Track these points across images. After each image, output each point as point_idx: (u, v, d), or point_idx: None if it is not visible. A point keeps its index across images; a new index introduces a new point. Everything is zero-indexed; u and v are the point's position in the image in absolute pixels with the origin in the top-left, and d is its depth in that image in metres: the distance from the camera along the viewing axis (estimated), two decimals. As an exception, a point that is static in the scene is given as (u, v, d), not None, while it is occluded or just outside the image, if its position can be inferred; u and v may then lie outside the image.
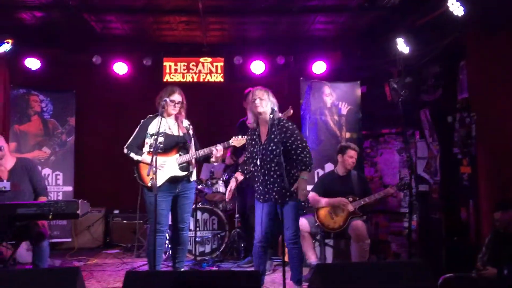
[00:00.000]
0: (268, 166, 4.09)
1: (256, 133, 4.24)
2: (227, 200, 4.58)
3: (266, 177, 4.12)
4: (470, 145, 5.28)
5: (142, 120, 4.56)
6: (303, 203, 6.02)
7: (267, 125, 4.17)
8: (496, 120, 4.75)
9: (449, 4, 4.65)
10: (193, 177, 4.61)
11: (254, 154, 4.19)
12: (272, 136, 4.11)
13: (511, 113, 4.55)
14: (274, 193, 4.08)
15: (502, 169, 4.58)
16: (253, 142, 4.24)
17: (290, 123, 4.21)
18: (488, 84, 4.85)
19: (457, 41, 5.34)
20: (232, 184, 4.38)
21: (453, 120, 5.64)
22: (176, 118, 4.55)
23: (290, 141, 4.11)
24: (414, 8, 5.58)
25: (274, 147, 4.08)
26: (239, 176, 4.40)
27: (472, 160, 5.24)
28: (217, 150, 4.41)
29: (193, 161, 4.53)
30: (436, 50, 5.79)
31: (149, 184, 4.28)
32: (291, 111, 5.14)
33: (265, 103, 4.13)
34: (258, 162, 4.09)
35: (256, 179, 4.23)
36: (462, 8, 4.57)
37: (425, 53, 5.98)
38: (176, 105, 4.44)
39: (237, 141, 4.52)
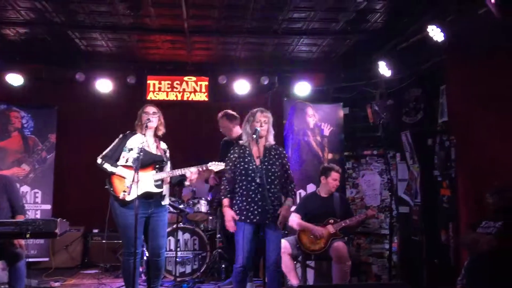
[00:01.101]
0: (267, 186, 4.01)
1: (248, 151, 4.19)
2: (232, 230, 4.29)
3: (263, 197, 3.99)
4: (450, 168, 5.35)
5: (121, 134, 4.52)
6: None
7: (261, 146, 4.17)
8: (475, 144, 4.83)
9: (429, 29, 4.75)
10: (166, 200, 4.50)
11: (250, 172, 4.08)
12: (274, 158, 4.15)
13: (489, 137, 4.63)
14: (268, 214, 4.00)
15: (481, 192, 4.63)
16: (246, 160, 4.14)
17: (285, 152, 4.36)
18: (467, 108, 4.95)
19: (438, 66, 5.46)
20: (230, 215, 4.14)
21: (433, 143, 5.73)
22: (155, 139, 4.53)
23: (286, 167, 4.22)
24: (396, 32, 5.70)
25: (276, 169, 4.12)
26: (228, 203, 4.18)
27: (452, 183, 5.30)
28: (191, 172, 4.34)
29: (168, 180, 4.48)
30: (417, 73, 5.92)
31: (120, 196, 4.21)
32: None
33: (267, 127, 4.16)
34: (258, 181, 4.00)
35: (249, 199, 4.06)
36: (442, 34, 4.67)
37: (406, 76, 6.11)
38: (151, 115, 4.41)
39: (216, 166, 4.36)
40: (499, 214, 3.92)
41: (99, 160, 4.33)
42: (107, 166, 4.31)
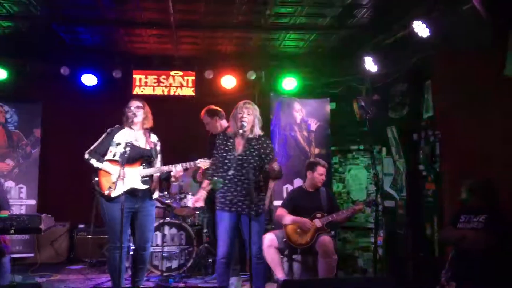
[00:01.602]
0: (242, 177, 4.08)
1: (231, 141, 4.21)
2: (194, 206, 4.47)
3: (239, 188, 4.10)
4: (435, 163, 5.41)
5: (109, 128, 4.48)
6: (267, 217, 6.06)
7: (245, 137, 4.18)
8: (459, 139, 4.89)
9: (414, 25, 4.79)
10: (155, 195, 4.50)
11: (227, 161, 4.14)
12: (252, 149, 4.15)
13: (473, 132, 4.69)
14: (244, 205, 4.06)
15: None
16: (226, 149, 4.19)
17: (270, 142, 4.34)
18: (452, 103, 5.00)
19: (423, 61, 5.51)
20: (203, 193, 4.31)
21: (418, 138, 5.78)
22: (144, 131, 4.50)
23: (268, 158, 4.19)
24: (382, 28, 5.74)
25: (251, 160, 4.12)
26: (206, 184, 4.31)
27: (437, 177, 5.37)
28: (176, 170, 4.33)
29: (156, 176, 4.46)
30: (402, 69, 5.96)
31: (106, 192, 4.19)
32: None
33: (251, 118, 4.16)
34: (232, 171, 4.05)
35: (225, 187, 4.15)
36: (427, 29, 4.71)
37: (392, 71, 6.14)
38: (135, 109, 4.38)
39: (204, 162, 4.36)
40: (480, 208, 3.96)
41: (86, 155, 4.31)
42: (94, 162, 4.28)
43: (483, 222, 3.86)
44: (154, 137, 4.57)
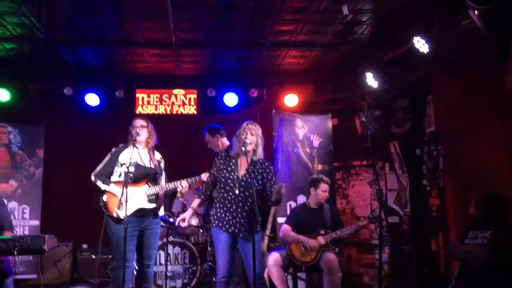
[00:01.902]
0: (245, 199, 4.05)
1: (233, 161, 4.20)
2: (176, 224, 4.47)
3: (239, 209, 4.06)
4: (438, 177, 5.39)
5: (113, 148, 4.49)
6: (271, 235, 6.02)
7: (249, 158, 4.17)
8: (462, 153, 4.89)
9: (414, 41, 4.82)
10: (161, 212, 4.51)
11: (230, 182, 4.10)
12: (256, 173, 4.15)
13: (476, 147, 4.69)
14: (243, 227, 4.03)
15: (468, 202, 4.67)
16: (229, 169, 4.16)
17: (272, 166, 4.32)
18: (454, 118, 5.01)
19: (424, 76, 5.53)
20: (190, 212, 4.29)
21: (421, 153, 5.78)
22: (149, 150, 4.52)
23: (269, 184, 4.17)
24: (382, 43, 5.78)
25: (255, 183, 4.10)
26: (196, 204, 4.27)
27: (440, 192, 5.34)
28: (182, 186, 4.35)
29: (162, 194, 4.47)
30: (403, 84, 5.99)
31: (114, 214, 4.19)
32: None
33: (254, 139, 4.16)
34: (236, 192, 4.02)
35: (224, 208, 4.10)
36: (427, 45, 4.74)
37: (393, 87, 6.17)
38: (139, 129, 4.40)
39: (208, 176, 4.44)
40: (487, 224, 3.94)
41: (92, 177, 4.33)
42: (100, 184, 4.30)
43: (488, 238, 3.84)
44: (158, 155, 4.58)
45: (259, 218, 3.98)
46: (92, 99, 7.12)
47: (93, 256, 6.82)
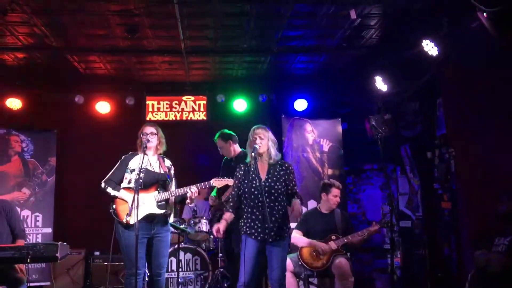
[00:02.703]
0: (271, 204, 4.02)
1: (252, 168, 4.15)
2: (220, 237, 4.42)
3: (268, 215, 3.95)
4: (450, 181, 5.35)
5: (123, 156, 4.51)
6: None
7: (266, 162, 4.17)
8: (474, 156, 4.85)
9: (423, 44, 4.80)
10: (171, 219, 4.51)
11: (253, 190, 4.07)
12: (278, 175, 4.13)
13: (488, 149, 4.64)
14: (272, 232, 3.99)
15: (481, 205, 4.63)
16: (250, 178, 4.13)
17: (291, 166, 4.30)
18: (464, 120, 4.97)
19: (433, 79, 5.51)
20: (222, 225, 4.26)
21: (432, 156, 5.74)
22: (158, 156, 4.54)
23: (291, 184, 4.16)
24: (391, 47, 5.76)
25: (279, 186, 4.08)
26: (228, 216, 4.21)
27: (452, 196, 5.30)
28: (192, 192, 4.34)
29: (172, 200, 4.48)
30: (413, 88, 5.96)
31: (124, 220, 4.21)
32: None
33: (265, 142, 4.14)
34: (261, 199, 3.97)
35: (253, 216, 4.06)
36: (436, 48, 4.72)
37: (403, 90, 6.14)
38: (149, 136, 4.41)
39: (218, 181, 4.42)
40: (509, 226, 3.87)
41: (102, 184, 4.35)
42: (110, 190, 4.31)
43: (507, 245, 3.78)
44: (167, 162, 4.60)
45: (287, 222, 3.98)
46: (103, 107, 7.19)
47: (106, 263, 6.83)
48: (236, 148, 5.59)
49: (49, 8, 4.95)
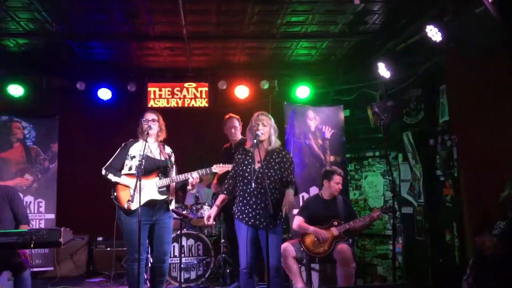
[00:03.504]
0: (262, 190, 4.03)
1: (250, 154, 4.17)
2: (205, 223, 4.47)
3: (259, 201, 4.05)
4: (452, 167, 5.35)
5: (123, 143, 4.52)
6: (284, 226, 6.01)
7: (264, 149, 4.17)
8: (477, 143, 4.82)
9: (427, 30, 4.76)
10: (172, 205, 4.52)
11: (247, 175, 4.11)
12: (273, 162, 4.14)
13: (490, 136, 4.62)
14: (263, 218, 4.03)
15: (484, 191, 4.63)
16: (246, 162, 4.17)
17: (290, 154, 4.30)
18: (467, 107, 4.94)
19: (437, 66, 5.47)
20: (213, 211, 4.31)
21: (435, 143, 5.73)
22: (159, 143, 4.54)
23: (287, 172, 4.16)
24: (394, 33, 5.72)
25: (272, 173, 4.10)
26: (221, 200, 4.29)
27: (455, 182, 5.30)
28: (193, 178, 4.35)
29: (173, 186, 4.48)
30: (416, 74, 5.93)
31: (125, 206, 4.22)
32: None
33: (267, 129, 4.15)
34: (253, 185, 4.01)
35: (244, 201, 4.12)
36: (439, 34, 4.68)
37: (406, 77, 6.11)
38: (150, 123, 4.42)
39: (219, 168, 4.43)
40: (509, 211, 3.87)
41: (103, 171, 4.36)
42: (111, 176, 4.33)
43: (502, 228, 3.80)
44: (168, 149, 4.61)
45: (272, 210, 3.93)
46: (104, 93, 7.19)
47: (108, 249, 6.88)
48: (240, 135, 5.60)
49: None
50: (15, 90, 6.90)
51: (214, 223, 4.46)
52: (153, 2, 5.18)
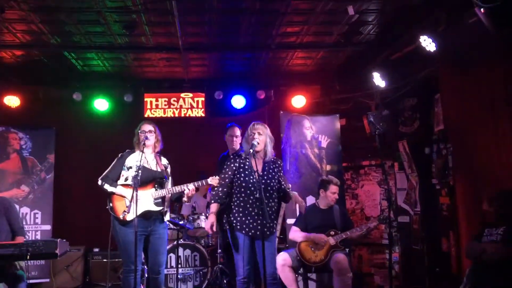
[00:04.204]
0: (265, 200, 4.00)
1: (247, 163, 4.19)
2: (210, 233, 4.47)
3: (261, 212, 4.00)
4: (448, 176, 5.37)
5: (120, 153, 4.53)
6: (281, 236, 6.01)
7: (261, 159, 4.18)
8: (472, 151, 4.86)
9: (421, 40, 4.81)
10: (167, 216, 4.50)
11: (250, 185, 4.10)
12: (273, 172, 4.18)
13: (485, 145, 4.66)
14: (265, 228, 4.01)
15: (479, 199, 4.65)
16: (246, 172, 4.15)
17: (281, 162, 4.36)
18: (462, 116, 4.99)
19: (431, 75, 5.52)
20: (213, 219, 4.30)
21: (430, 152, 5.76)
22: (155, 154, 4.55)
23: (284, 181, 4.25)
24: (389, 43, 5.76)
25: (274, 183, 4.15)
26: (216, 208, 4.23)
27: (450, 191, 5.32)
28: (189, 189, 4.33)
29: (168, 197, 4.49)
30: (411, 83, 5.97)
31: (121, 217, 4.21)
32: None
33: (263, 138, 4.16)
34: (257, 195, 4.01)
35: (246, 211, 4.09)
36: (433, 44, 4.73)
37: (401, 86, 6.16)
38: (147, 134, 4.42)
39: (215, 180, 4.35)
40: (501, 220, 3.92)
41: (99, 181, 4.35)
42: (107, 187, 4.32)
43: (501, 234, 3.82)
44: (164, 160, 4.60)
45: (277, 218, 4.02)
46: (101, 104, 7.20)
47: (105, 260, 6.84)
48: (239, 144, 5.59)
49: (47, 5, 4.95)
50: (12, 101, 6.91)
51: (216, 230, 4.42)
52: (150, 14, 5.22)
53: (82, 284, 7.01)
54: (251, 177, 4.11)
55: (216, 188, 4.28)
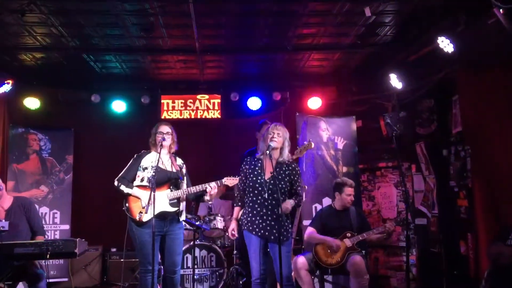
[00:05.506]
0: (274, 202, 4.06)
1: (259, 164, 4.22)
2: (231, 238, 4.50)
3: (269, 212, 4.07)
4: (466, 178, 5.31)
5: (136, 154, 4.58)
6: (297, 237, 6.00)
7: (275, 160, 4.19)
8: (490, 153, 4.81)
9: (439, 41, 4.77)
10: (183, 216, 4.53)
11: (258, 186, 4.13)
12: (283, 174, 4.16)
13: (504, 146, 4.61)
14: (274, 229, 4.04)
15: (498, 202, 4.60)
16: (256, 173, 4.19)
17: (298, 168, 4.33)
18: (481, 118, 4.93)
19: (449, 77, 5.47)
20: (235, 225, 4.33)
21: (448, 154, 5.70)
22: (170, 155, 4.58)
23: (296, 184, 4.21)
24: (406, 44, 5.72)
25: (283, 185, 4.13)
26: (237, 212, 4.33)
27: (469, 193, 5.26)
28: (211, 187, 4.36)
29: (184, 198, 4.51)
30: (428, 85, 5.92)
31: (137, 218, 4.25)
32: (312, 144, 5.20)
33: (281, 140, 4.18)
34: (266, 196, 4.04)
35: (254, 211, 4.13)
36: (451, 45, 4.69)
37: (418, 88, 6.11)
38: (165, 135, 4.46)
39: (230, 180, 4.40)
40: None
41: (115, 182, 4.40)
42: (123, 188, 4.36)
43: None
44: (179, 160, 4.64)
45: (286, 221, 3.99)
46: (118, 106, 7.29)
47: (122, 260, 6.90)
48: None
49: (66, 9, 5.03)
50: (32, 103, 7.03)
51: (237, 235, 4.45)
52: (167, 16, 5.27)
53: (100, 284, 7.09)
54: (259, 178, 4.13)
55: (236, 193, 4.34)
